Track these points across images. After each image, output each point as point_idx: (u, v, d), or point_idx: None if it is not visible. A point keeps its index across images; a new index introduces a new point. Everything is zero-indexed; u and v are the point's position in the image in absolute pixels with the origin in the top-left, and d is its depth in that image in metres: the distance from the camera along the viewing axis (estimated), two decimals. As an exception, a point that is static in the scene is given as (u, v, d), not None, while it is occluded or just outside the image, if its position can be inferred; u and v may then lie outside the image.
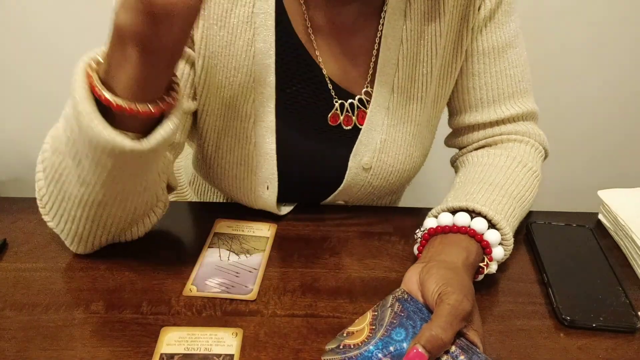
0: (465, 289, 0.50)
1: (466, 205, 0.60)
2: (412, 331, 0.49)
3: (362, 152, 0.71)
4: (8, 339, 0.52)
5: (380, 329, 0.50)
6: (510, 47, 0.72)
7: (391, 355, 0.48)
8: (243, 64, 0.64)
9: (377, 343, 0.49)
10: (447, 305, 0.48)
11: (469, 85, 0.74)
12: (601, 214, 0.75)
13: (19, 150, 0.70)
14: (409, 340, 0.49)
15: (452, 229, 0.59)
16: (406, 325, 0.50)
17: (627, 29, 1.36)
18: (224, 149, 0.69)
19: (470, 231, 0.58)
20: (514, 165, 0.69)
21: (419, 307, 0.52)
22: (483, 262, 0.59)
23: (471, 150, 0.77)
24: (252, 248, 0.66)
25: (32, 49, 1.32)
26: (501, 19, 0.71)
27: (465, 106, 0.75)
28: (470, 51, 0.72)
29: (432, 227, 0.60)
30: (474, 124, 0.75)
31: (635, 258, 0.66)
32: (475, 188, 0.64)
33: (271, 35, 0.64)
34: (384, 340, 0.49)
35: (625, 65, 1.42)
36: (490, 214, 0.59)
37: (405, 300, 0.53)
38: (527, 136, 0.74)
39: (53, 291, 0.58)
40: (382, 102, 0.70)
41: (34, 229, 0.67)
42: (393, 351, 0.48)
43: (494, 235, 0.59)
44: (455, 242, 0.58)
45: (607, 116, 1.50)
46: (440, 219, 0.60)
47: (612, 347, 0.54)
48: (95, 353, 0.50)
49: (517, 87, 0.73)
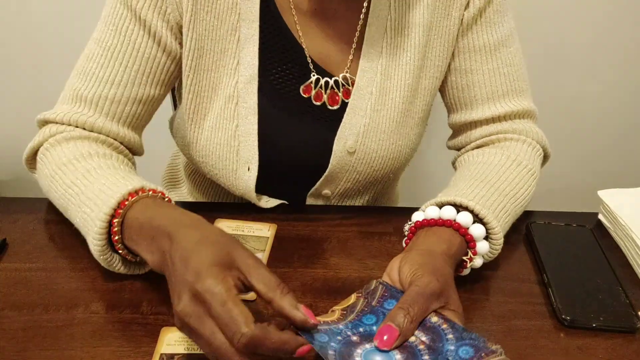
0: (438, 271, 0.51)
1: (453, 200, 0.61)
2: (383, 318, 0.50)
3: (346, 135, 0.72)
4: (8, 339, 0.52)
5: (351, 315, 0.51)
6: (504, 46, 0.73)
7: (359, 334, 0.48)
8: (228, 47, 0.68)
9: (347, 324, 0.50)
10: (415, 287, 0.49)
11: (462, 82, 0.75)
12: (601, 214, 0.75)
13: (19, 150, 0.70)
14: (378, 324, 0.49)
15: (437, 222, 0.60)
16: (377, 313, 0.51)
17: (628, 27, 1.36)
18: (209, 129, 0.70)
19: (455, 224, 0.59)
20: (508, 163, 0.69)
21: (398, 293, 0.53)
22: (466, 256, 0.59)
23: (469, 150, 0.77)
24: (252, 248, 0.66)
25: (32, 49, 1.32)
26: (493, 18, 0.72)
27: (460, 104, 0.76)
28: (461, 48, 0.73)
29: (419, 220, 0.61)
30: (470, 121, 0.76)
31: (635, 258, 0.66)
32: (466, 184, 0.65)
33: (255, 19, 0.68)
34: (354, 322, 0.50)
35: (625, 64, 1.42)
36: (477, 208, 0.60)
37: (385, 285, 0.54)
38: (525, 135, 0.74)
39: (53, 291, 0.58)
40: (365, 86, 0.72)
41: (34, 229, 0.67)
42: (362, 332, 0.49)
43: (479, 230, 0.59)
44: (438, 234, 0.59)
45: (607, 116, 1.50)
46: (427, 212, 0.61)
47: (612, 347, 0.54)
48: (95, 353, 0.50)
49: (512, 85, 0.74)
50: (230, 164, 0.71)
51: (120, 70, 0.66)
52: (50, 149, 0.64)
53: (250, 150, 0.70)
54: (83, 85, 0.67)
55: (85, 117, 0.66)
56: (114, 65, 0.66)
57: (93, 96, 0.66)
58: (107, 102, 0.66)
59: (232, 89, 0.69)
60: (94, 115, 0.67)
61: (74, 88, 0.67)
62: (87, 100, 0.66)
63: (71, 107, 0.67)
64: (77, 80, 0.67)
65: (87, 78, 0.66)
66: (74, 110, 0.66)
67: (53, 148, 0.64)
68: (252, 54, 0.68)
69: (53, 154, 0.64)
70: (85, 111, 0.66)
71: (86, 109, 0.67)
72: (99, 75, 0.66)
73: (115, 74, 0.66)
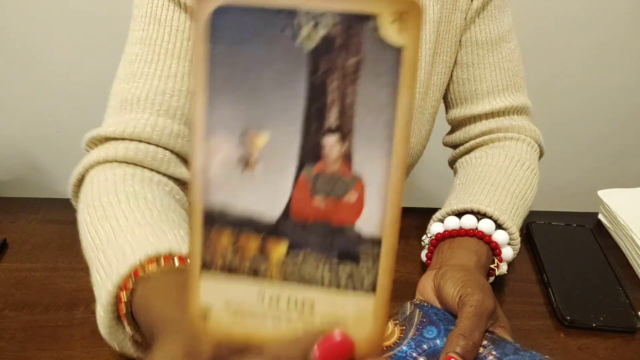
0: (485, 288, 0.49)
1: (471, 207, 0.60)
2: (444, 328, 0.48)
3: None
4: (8, 339, 0.52)
5: (411, 329, 0.49)
6: (504, 42, 0.74)
7: (425, 353, 0.46)
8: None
9: (409, 343, 0.48)
10: (470, 307, 0.46)
11: (464, 76, 0.75)
12: (601, 214, 0.75)
13: (19, 150, 0.70)
14: (442, 337, 0.47)
15: (460, 232, 0.58)
16: (436, 323, 0.49)
17: (629, 29, 1.36)
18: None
19: (479, 233, 0.57)
20: (512, 164, 0.69)
21: (440, 312, 0.50)
22: (494, 264, 0.58)
23: (469, 150, 0.77)
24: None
25: (32, 49, 1.32)
26: (494, 13, 0.73)
27: (461, 98, 0.76)
28: (464, 41, 0.74)
29: (439, 232, 0.59)
30: (470, 116, 0.76)
31: (635, 258, 0.66)
32: (477, 189, 0.64)
33: None
34: (416, 339, 0.48)
35: (626, 65, 1.42)
36: (495, 214, 0.59)
37: (425, 306, 0.51)
38: (523, 132, 0.75)
39: (53, 291, 0.58)
40: None
41: (34, 229, 0.67)
42: (427, 349, 0.47)
43: (502, 236, 0.58)
44: (465, 246, 0.57)
45: (607, 116, 1.50)
46: (447, 222, 0.59)
47: (612, 347, 0.54)
48: (95, 353, 0.50)
49: (511, 80, 0.74)
50: None
51: (174, 62, 0.58)
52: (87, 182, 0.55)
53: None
54: (132, 87, 0.57)
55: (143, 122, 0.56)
56: (165, 58, 0.58)
57: (147, 94, 0.57)
58: (165, 97, 0.57)
59: None
60: (151, 118, 0.56)
61: (122, 95, 0.58)
62: (139, 100, 0.57)
63: (121, 117, 0.57)
64: (123, 85, 0.58)
65: (135, 79, 0.58)
66: (125, 119, 0.56)
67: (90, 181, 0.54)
68: None
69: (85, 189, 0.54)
70: (138, 116, 0.56)
71: (139, 113, 0.56)
72: (149, 71, 0.58)
73: (169, 65, 0.58)
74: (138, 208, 0.50)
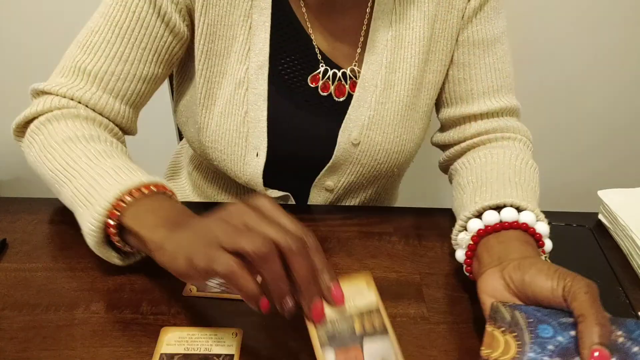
0: (572, 273, 0.48)
1: (504, 202, 0.58)
2: (557, 323, 0.46)
3: (350, 128, 0.73)
4: (8, 339, 0.52)
5: (524, 333, 0.46)
6: (499, 43, 0.75)
7: (556, 353, 0.44)
8: (239, 33, 0.69)
9: (532, 347, 0.45)
10: (585, 294, 0.45)
11: (460, 76, 0.75)
12: (601, 214, 0.75)
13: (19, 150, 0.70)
14: (560, 333, 0.46)
15: (504, 226, 0.56)
16: (545, 320, 0.47)
17: (628, 28, 1.36)
18: (218, 115, 0.71)
19: (523, 225, 0.56)
20: (518, 162, 0.69)
21: (537, 309, 0.48)
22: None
23: (465, 150, 0.77)
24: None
25: (31, 49, 1.32)
26: (490, 14, 0.73)
27: (456, 98, 0.77)
28: (460, 41, 0.74)
29: (481, 228, 0.57)
30: (466, 115, 0.76)
31: (635, 258, 0.66)
32: (498, 186, 0.63)
33: (267, 7, 0.69)
34: (536, 342, 0.45)
35: (625, 64, 1.42)
36: (530, 207, 0.57)
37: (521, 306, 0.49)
38: (518, 132, 0.76)
39: (53, 291, 0.58)
40: (370, 79, 0.72)
41: (34, 229, 0.67)
42: (554, 349, 0.45)
43: (544, 227, 0.57)
44: (515, 238, 0.55)
45: (608, 116, 1.50)
46: (486, 218, 0.57)
47: (612, 347, 0.54)
48: (95, 353, 0.50)
49: (504, 81, 0.75)
50: (239, 150, 0.72)
51: (128, 47, 0.66)
52: (47, 124, 0.64)
53: (259, 136, 0.71)
54: (87, 58, 0.66)
55: (89, 93, 0.66)
56: (122, 41, 0.66)
57: (98, 71, 0.66)
58: (112, 78, 0.66)
59: (242, 75, 0.70)
60: (97, 92, 0.66)
61: (76, 60, 0.66)
62: (90, 75, 0.66)
63: (72, 81, 0.66)
64: (79, 52, 0.67)
65: (92, 52, 0.66)
66: (75, 85, 0.66)
67: (50, 123, 0.64)
68: (264, 41, 0.70)
69: (52, 128, 0.63)
70: (87, 87, 0.66)
71: (88, 85, 0.66)
72: (105, 50, 0.66)
73: (123, 50, 0.66)
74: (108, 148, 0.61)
